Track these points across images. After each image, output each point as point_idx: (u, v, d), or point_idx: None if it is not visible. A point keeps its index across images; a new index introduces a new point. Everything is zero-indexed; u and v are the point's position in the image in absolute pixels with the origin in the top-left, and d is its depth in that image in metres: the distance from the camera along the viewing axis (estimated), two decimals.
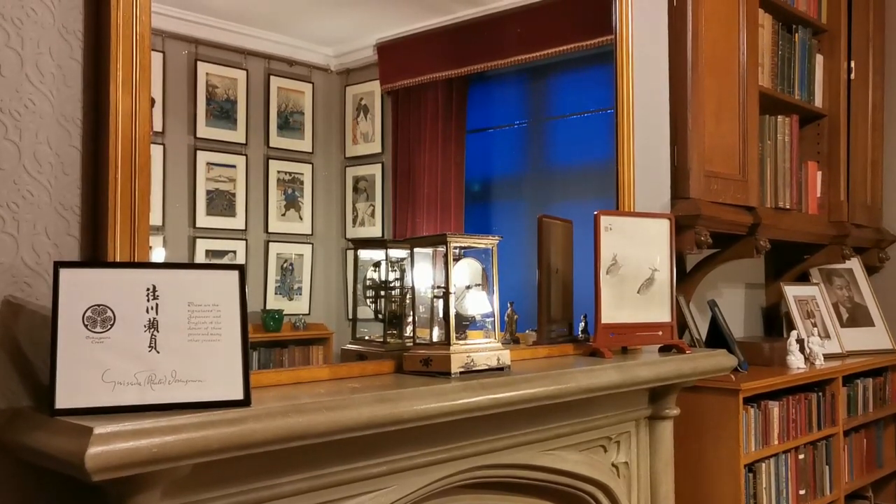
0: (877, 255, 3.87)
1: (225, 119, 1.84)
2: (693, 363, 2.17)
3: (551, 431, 1.95)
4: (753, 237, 2.86)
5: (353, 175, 2.11)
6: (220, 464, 1.24)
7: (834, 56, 3.53)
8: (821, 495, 3.01)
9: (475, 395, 1.59)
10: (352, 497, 1.55)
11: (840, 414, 3.11)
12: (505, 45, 2.49)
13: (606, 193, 2.45)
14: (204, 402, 1.24)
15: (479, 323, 1.81)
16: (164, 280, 1.25)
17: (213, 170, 1.82)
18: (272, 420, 1.26)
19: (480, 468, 1.80)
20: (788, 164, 3.22)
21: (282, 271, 1.93)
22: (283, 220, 1.94)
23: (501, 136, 2.61)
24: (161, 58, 1.70)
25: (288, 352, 1.92)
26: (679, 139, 2.64)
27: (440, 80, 2.35)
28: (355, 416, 1.37)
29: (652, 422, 2.27)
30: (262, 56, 1.91)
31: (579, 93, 2.65)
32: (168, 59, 1.73)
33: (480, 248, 1.80)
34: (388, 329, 1.85)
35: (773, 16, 3.17)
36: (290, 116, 1.95)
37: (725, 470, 2.57)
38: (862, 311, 3.67)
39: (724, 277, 3.35)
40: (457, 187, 2.34)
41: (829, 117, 3.51)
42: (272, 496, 1.42)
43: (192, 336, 1.25)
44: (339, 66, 2.05)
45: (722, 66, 2.79)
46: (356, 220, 2.10)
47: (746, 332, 3.56)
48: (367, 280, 1.86)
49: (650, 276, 2.21)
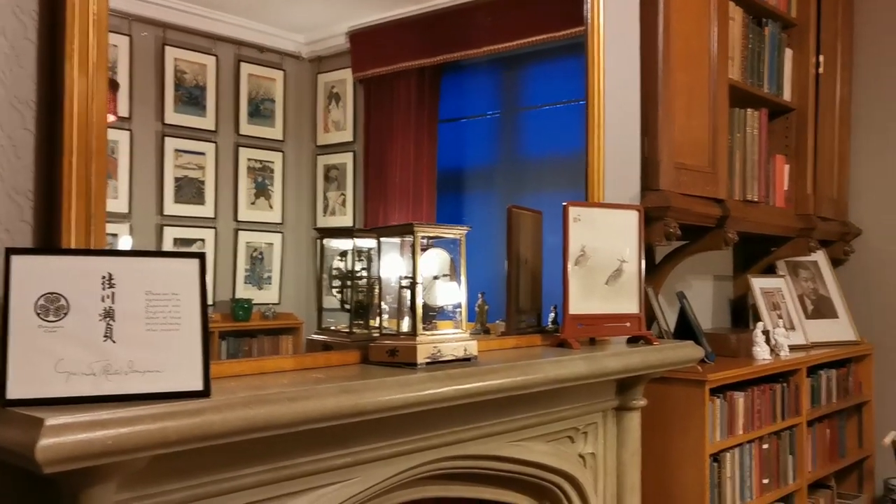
0: (842, 249, 3.92)
1: (194, 105, 1.81)
2: (661, 354, 2.18)
3: (519, 422, 1.95)
4: (722, 229, 2.88)
5: (324, 164, 2.09)
6: (179, 455, 1.22)
7: (803, 50, 3.56)
8: (784, 484, 3.05)
9: (441, 385, 1.58)
10: (315, 489, 1.54)
11: (804, 404, 3.15)
12: (478, 34, 2.48)
13: (578, 185, 2.45)
14: (162, 392, 1.22)
15: (449, 313, 1.80)
16: (120, 268, 1.22)
17: (182, 157, 1.79)
18: (232, 411, 1.24)
19: (447, 459, 1.80)
20: (757, 157, 3.24)
21: (251, 260, 1.91)
22: (253, 209, 1.92)
23: (474, 126, 2.60)
24: (127, 42, 1.67)
25: (257, 341, 1.90)
26: (649, 131, 2.65)
27: (413, 69, 2.33)
28: (318, 407, 1.36)
29: (619, 413, 2.28)
30: (233, 42, 1.88)
31: (551, 84, 2.65)
32: (135, 43, 1.69)
33: (449, 238, 1.79)
34: (354, 319, 1.83)
35: (744, 9, 3.18)
36: (261, 104, 1.93)
37: (691, 460, 2.59)
38: (826, 304, 3.72)
39: (693, 269, 3.37)
40: (429, 177, 2.33)
41: (797, 111, 3.54)
42: (233, 488, 1.40)
43: (149, 325, 1.23)
44: (310, 53, 2.03)
45: (693, 59, 2.79)
46: (327, 209, 2.08)
47: (714, 323, 3.59)
48: (334, 270, 1.85)
49: (619, 268, 2.21)
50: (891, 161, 3.93)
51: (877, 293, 3.92)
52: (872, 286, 3.94)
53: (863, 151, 3.99)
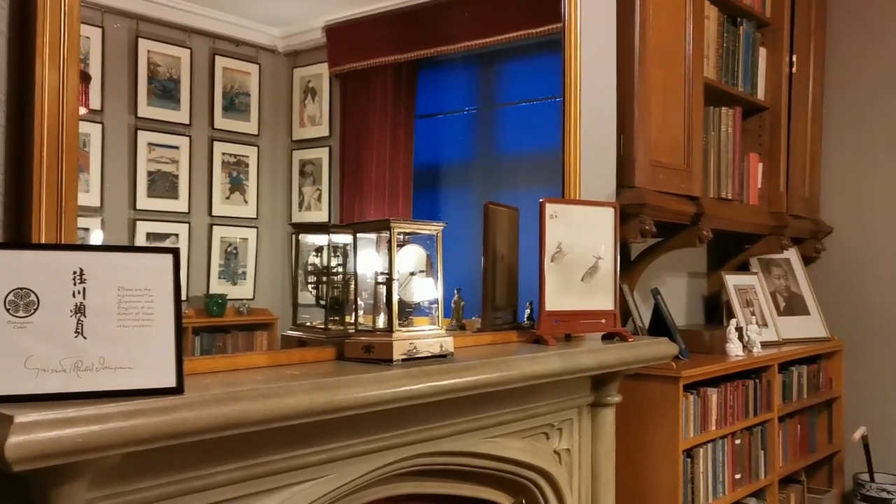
0: (813, 246, 3.97)
1: (167, 99, 1.79)
2: (635, 351, 2.19)
3: (494, 418, 1.95)
4: (697, 227, 2.90)
5: (299, 158, 2.07)
6: (151, 453, 1.21)
7: (776, 50, 3.59)
8: (755, 479, 3.08)
9: (416, 382, 1.57)
10: (289, 486, 1.53)
11: (775, 400, 3.19)
12: (454, 30, 2.48)
13: (554, 181, 2.45)
14: (134, 389, 1.20)
15: (425, 309, 1.80)
16: (92, 263, 1.20)
17: (155, 150, 1.77)
18: (205, 408, 1.22)
19: (422, 455, 1.79)
20: (731, 155, 3.27)
21: (226, 255, 1.89)
22: (228, 204, 1.90)
23: (450, 122, 2.59)
24: (100, 34, 1.64)
25: (231, 337, 1.89)
26: (626, 128, 2.66)
27: (389, 65, 2.32)
28: (293, 404, 1.35)
29: (594, 409, 2.29)
30: (207, 35, 1.86)
31: (528, 80, 2.65)
32: (107, 35, 1.67)
33: (425, 234, 1.79)
34: (329, 315, 1.82)
35: (719, 8, 3.21)
36: (236, 97, 1.91)
37: (664, 455, 2.61)
38: (798, 301, 3.76)
39: (668, 266, 3.40)
40: (405, 173, 2.33)
41: (770, 110, 3.58)
42: (206, 486, 1.39)
43: (121, 321, 1.21)
44: (286, 47, 2.01)
45: (669, 57, 2.81)
46: (302, 204, 2.07)
47: (688, 320, 3.62)
48: (309, 265, 1.84)
49: (594, 265, 2.22)
50: (861, 160, 3.98)
51: (847, 290, 3.97)
52: (843, 284, 3.99)
53: (834, 150, 4.04)
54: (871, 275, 3.94)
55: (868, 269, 3.94)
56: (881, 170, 3.92)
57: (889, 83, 3.91)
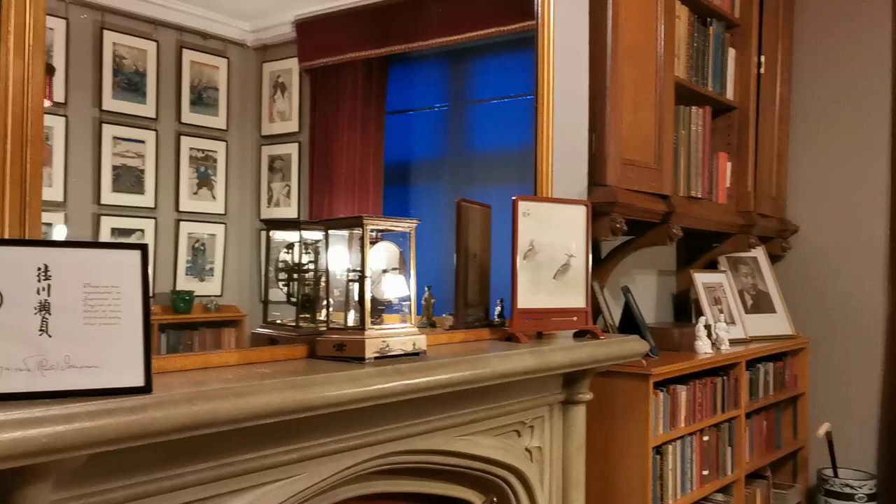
0: (780, 245, 4.01)
1: (133, 92, 1.76)
2: (607, 349, 2.20)
3: (466, 416, 1.94)
4: (667, 225, 2.92)
5: (268, 154, 2.04)
6: (118, 453, 1.18)
7: (745, 50, 3.63)
8: (723, 475, 3.11)
9: (389, 380, 1.56)
10: (260, 486, 1.51)
11: (743, 397, 3.22)
12: (426, 26, 2.46)
13: (524, 179, 2.45)
14: (100, 389, 1.17)
15: (396, 307, 1.79)
16: (57, 259, 1.17)
17: (120, 144, 1.73)
18: (175, 407, 1.20)
19: (394, 454, 1.78)
20: (700, 154, 3.30)
21: (193, 251, 1.86)
22: (195, 199, 1.87)
23: (421, 118, 2.58)
24: (64, 25, 1.60)
25: (198, 334, 1.86)
26: (597, 127, 2.67)
27: (360, 60, 2.30)
28: (264, 403, 1.33)
29: (566, 406, 2.29)
30: (174, 27, 1.83)
31: (499, 78, 2.65)
32: (72, 26, 1.63)
33: (398, 231, 1.77)
34: (300, 313, 1.80)
35: (690, 8, 3.23)
36: (204, 92, 1.88)
37: (634, 452, 2.63)
38: (765, 298, 3.81)
39: (638, 264, 3.42)
40: (375, 169, 2.31)
41: (739, 110, 3.61)
42: (175, 486, 1.36)
43: (87, 319, 1.18)
44: (255, 41, 1.98)
45: (640, 56, 2.82)
46: (271, 200, 2.04)
47: (658, 317, 3.65)
48: (280, 262, 1.81)
49: (566, 262, 2.22)
50: (826, 160, 4.04)
51: (812, 288, 4.03)
52: (808, 281, 4.05)
53: (800, 150, 4.10)
54: (835, 273, 4.00)
55: (832, 267, 4.01)
56: (845, 170, 3.99)
57: (853, 85, 3.97)
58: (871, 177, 3.91)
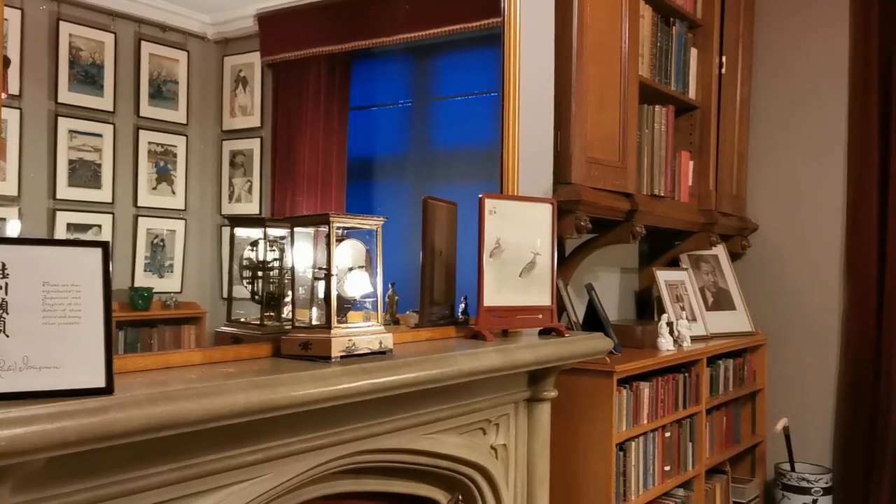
0: (740, 243, 4.07)
1: (90, 84, 1.71)
2: (572, 346, 2.20)
3: (432, 415, 1.94)
4: (630, 223, 2.94)
5: (230, 149, 2.01)
6: (79, 456, 1.15)
7: (707, 50, 3.67)
8: (684, 471, 3.15)
9: (356, 379, 1.55)
10: (224, 487, 1.48)
11: (703, 393, 3.26)
12: (391, 22, 2.44)
13: (488, 176, 2.45)
14: (60, 390, 1.14)
15: (363, 305, 1.77)
16: (14, 257, 1.14)
17: (77, 138, 1.69)
18: (137, 409, 1.17)
19: (360, 453, 1.77)
20: (663, 152, 3.33)
21: (152, 247, 1.83)
22: (154, 194, 1.83)
23: (385, 114, 2.56)
24: (19, 15, 1.56)
25: (157, 332, 1.82)
26: (563, 125, 2.67)
27: (323, 55, 2.28)
28: (229, 403, 1.31)
29: (531, 404, 2.29)
30: (133, 19, 1.79)
31: (464, 74, 2.64)
32: (27, 17, 1.59)
33: (364, 228, 1.75)
34: (265, 311, 1.77)
35: (653, 7, 3.25)
36: (163, 85, 1.84)
37: (598, 449, 2.64)
38: (725, 296, 3.86)
39: (601, 261, 3.44)
40: (338, 165, 2.29)
41: (701, 109, 3.65)
42: (137, 489, 1.33)
43: (46, 319, 1.15)
44: (216, 34, 1.95)
45: (605, 54, 2.83)
46: (233, 195, 2.01)
47: (620, 314, 3.68)
48: (244, 260, 1.78)
49: (532, 260, 2.22)
50: (785, 160, 4.11)
51: (771, 286, 4.10)
52: (767, 279, 4.11)
53: (760, 150, 4.16)
54: (793, 271, 4.07)
55: (791, 265, 4.08)
56: (804, 170, 4.06)
57: (811, 86, 4.04)
58: (829, 177, 3.98)
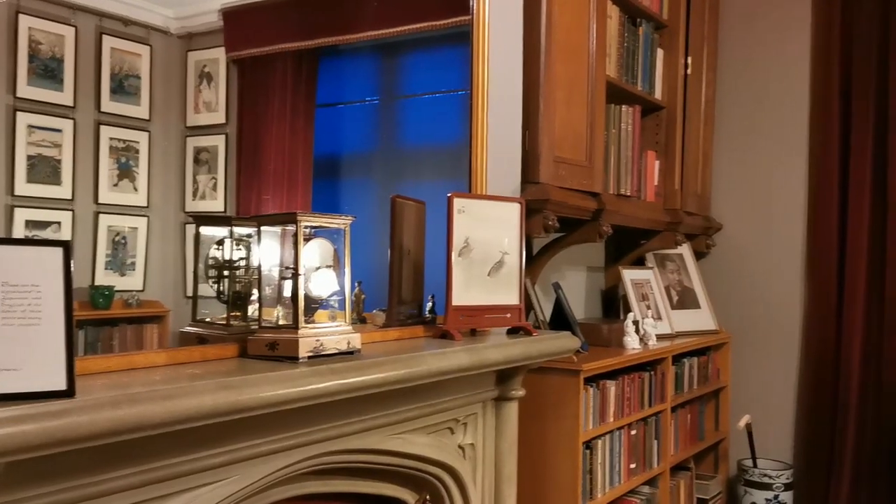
0: (704, 242, 4.12)
1: (50, 79, 1.68)
2: (540, 345, 2.21)
3: (400, 415, 1.92)
4: (597, 222, 2.95)
5: (194, 146, 1.98)
6: (41, 459, 1.12)
7: (673, 51, 3.70)
8: (649, 468, 3.17)
9: (324, 380, 1.53)
10: (189, 490, 1.46)
11: (669, 391, 3.29)
12: (359, 19, 2.43)
13: (456, 175, 2.44)
14: (20, 393, 1.11)
15: (330, 304, 1.76)
16: None
17: (36, 133, 1.65)
18: (100, 412, 1.15)
19: (328, 454, 1.75)
20: (630, 152, 3.35)
21: (113, 245, 1.79)
22: (116, 191, 1.80)
23: (352, 112, 2.55)
24: None
25: (119, 331, 1.79)
26: (531, 124, 2.67)
27: (290, 52, 2.26)
28: (195, 405, 1.28)
29: (498, 403, 2.29)
30: (94, 13, 1.75)
31: (432, 72, 2.63)
32: None
33: (332, 228, 1.74)
34: (231, 311, 1.75)
35: (620, 8, 3.27)
36: (125, 80, 1.81)
37: (565, 447, 2.65)
38: (690, 295, 3.90)
39: (568, 260, 3.45)
40: (304, 163, 2.27)
41: (667, 109, 3.68)
42: (99, 493, 1.30)
43: (5, 320, 1.12)
44: (180, 29, 1.92)
45: (573, 53, 2.84)
46: (197, 192, 1.98)
47: (587, 313, 3.70)
48: (210, 259, 1.76)
49: (500, 260, 2.22)
50: (749, 160, 4.16)
51: (734, 285, 4.15)
52: (731, 278, 4.16)
53: (724, 151, 4.21)
54: (756, 270, 4.12)
55: (754, 264, 4.13)
56: (767, 170, 4.11)
57: (775, 87, 4.09)
58: (791, 178, 4.04)
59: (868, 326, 3.74)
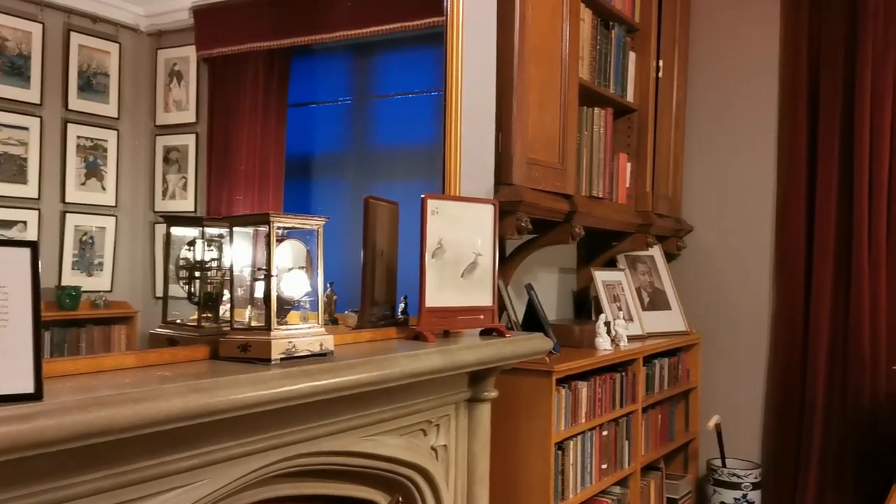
0: (675, 244, 4.16)
1: (16, 76, 1.65)
2: (513, 347, 2.21)
3: (373, 417, 1.92)
4: (569, 224, 2.97)
5: (163, 145, 1.96)
6: (7, 463, 1.10)
7: (645, 54, 3.73)
8: (620, 468, 3.19)
9: (296, 382, 1.52)
10: (158, 494, 1.44)
11: (640, 392, 3.32)
12: (332, 18, 2.42)
13: (429, 175, 2.44)
14: None
15: (302, 305, 1.74)
16: None
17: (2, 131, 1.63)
18: (68, 415, 1.13)
19: (300, 456, 1.74)
20: (602, 154, 3.37)
21: (80, 245, 1.77)
22: (83, 190, 1.77)
23: (324, 112, 2.54)
24: None
25: (86, 331, 1.76)
26: (504, 125, 2.68)
27: (261, 51, 2.24)
28: (165, 408, 1.27)
29: (471, 404, 2.29)
30: (62, 9, 1.73)
31: (405, 73, 2.63)
32: None
33: (305, 229, 1.73)
34: (202, 312, 1.73)
35: (593, 11, 3.29)
36: (94, 78, 1.78)
37: (537, 448, 2.66)
38: (661, 296, 3.93)
39: (540, 262, 3.47)
40: (276, 163, 2.26)
41: (638, 112, 3.71)
42: (70, 496, 1.28)
43: None
44: (150, 26, 1.90)
45: (546, 56, 2.85)
46: (166, 192, 1.96)
47: (559, 314, 3.71)
48: (181, 259, 1.74)
49: (474, 261, 2.22)
50: (719, 163, 4.20)
51: (704, 286, 4.19)
52: (701, 280, 4.21)
53: (694, 153, 4.25)
54: (726, 272, 4.17)
55: (723, 266, 4.18)
56: (736, 172, 4.16)
57: (744, 90, 4.14)
58: (760, 180, 4.09)
59: (834, 328, 3.79)
